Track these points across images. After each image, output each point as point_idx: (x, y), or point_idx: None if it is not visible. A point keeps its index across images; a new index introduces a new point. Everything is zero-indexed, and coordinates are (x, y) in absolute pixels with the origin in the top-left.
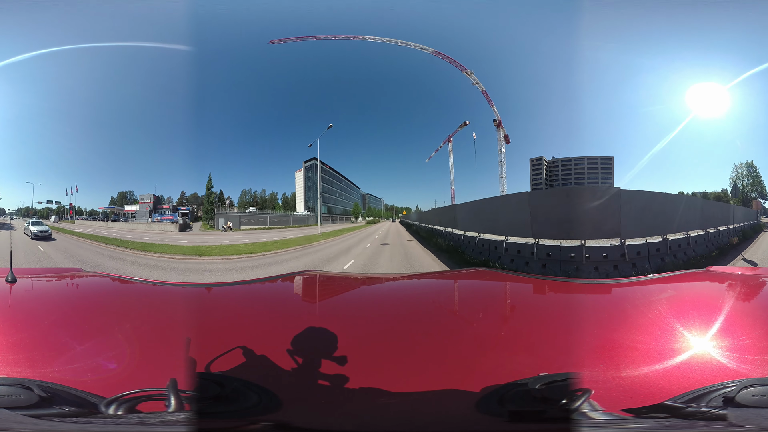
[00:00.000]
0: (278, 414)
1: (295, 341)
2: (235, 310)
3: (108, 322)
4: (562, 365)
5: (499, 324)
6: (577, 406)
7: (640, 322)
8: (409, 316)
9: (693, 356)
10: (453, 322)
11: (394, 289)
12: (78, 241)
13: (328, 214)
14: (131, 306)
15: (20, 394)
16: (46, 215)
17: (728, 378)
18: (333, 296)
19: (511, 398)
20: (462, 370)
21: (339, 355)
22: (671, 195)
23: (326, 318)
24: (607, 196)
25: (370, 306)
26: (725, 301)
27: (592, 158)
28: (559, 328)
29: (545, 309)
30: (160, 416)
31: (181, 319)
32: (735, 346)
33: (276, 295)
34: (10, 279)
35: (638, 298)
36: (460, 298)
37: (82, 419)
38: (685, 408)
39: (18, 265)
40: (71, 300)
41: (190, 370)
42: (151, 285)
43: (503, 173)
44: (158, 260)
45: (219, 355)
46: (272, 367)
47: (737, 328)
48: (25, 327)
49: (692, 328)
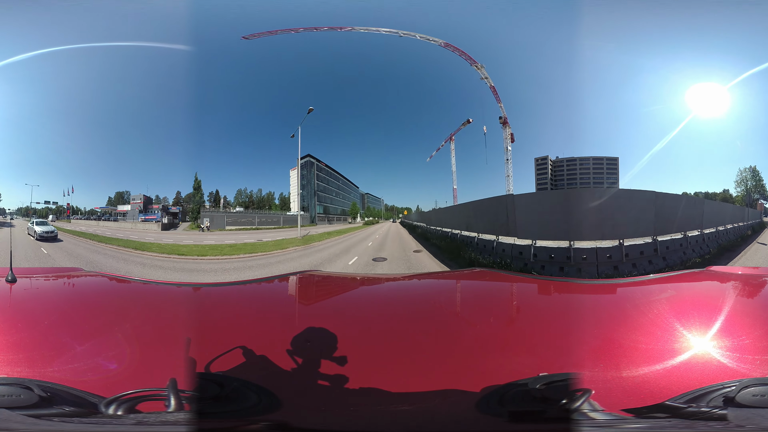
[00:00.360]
0: (278, 414)
1: (294, 341)
2: (235, 310)
3: (108, 322)
4: (562, 365)
5: (499, 324)
6: (577, 406)
7: (640, 322)
8: (409, 317)
9: (693, 356)
10: (453, 323)
11: (394, 290)
12: (62, 235)
13: (324, 215)
14: (131, 306)
15: (20, 394)
16: (45, 215)
17: (728, 378)
18: (333, 296)
19: (512, 398)
20: (462, 370)
21: (339, 355)
22: (699, 198)
23: (326, 318)
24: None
25: (370, 306)
26: (725, 301)
27: (597, 158)
28: (559, 328)
29: (545, 309)
30: (160, 416)
31: (181, 319)
32: (735, 345)
33: (276, 295)
34: (10, 279)
35: (638, 298)
36: (460, 298)
37: (82, 419)
38: (686, 408)
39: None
40: (71, 300)
41: (189, 370)
42: (151, 285)
43: (509, 172)
44: (109, 250)
45: (219, 355)
46: (272, 367)
47: (737, 328)
48: (25, 327)
49: (692, 328)
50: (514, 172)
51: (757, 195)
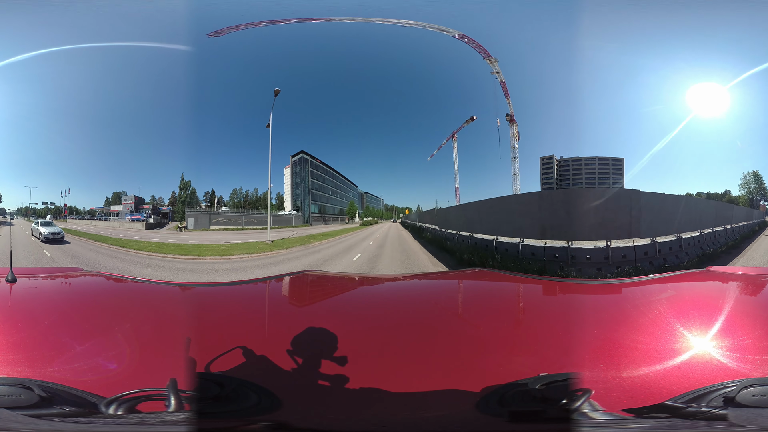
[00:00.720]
0: (278, 414)
1: (294, 341)
2: (235, 310)
3: (108, 322)
4: (562, 365)
5: (499, 324)
6: (577, 406)
7: (641, 322)
8: (409, 317)
9: (693, 356)
10: (453, 323)
11: (394, 290)
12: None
13: (320, 214)
14: (131, 306)
15: (20, 394)
16: (44, 215)
17: (728, 378)
18: (333, 296)
19: (512, 398)
20: (462, 370)
21: (339, 355)
22: (728, 204)
23: (326, 318)
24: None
25: (370, 306)
26: (725, 301)
27: (603, 158)
28: (559, 328)
29: (545, 309)
30: (160, 416)
31: (181, 319)
32: (735, 346)
33: (276, 295)
34: (10, 279)
35: (638, 298)
36: (460, 298)
37: (82, 419)
38: (686, 408)
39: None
40: (71, 300)
41: (190, 370)
42: (151, 285)
43: (516, 170)
44: (79, 240)
45: (219, 355)
46: (272, 367)
47: (737, 328)
48: (25, 327)
49: (692, 328)
50: (521, 171)
51: (759, 196)
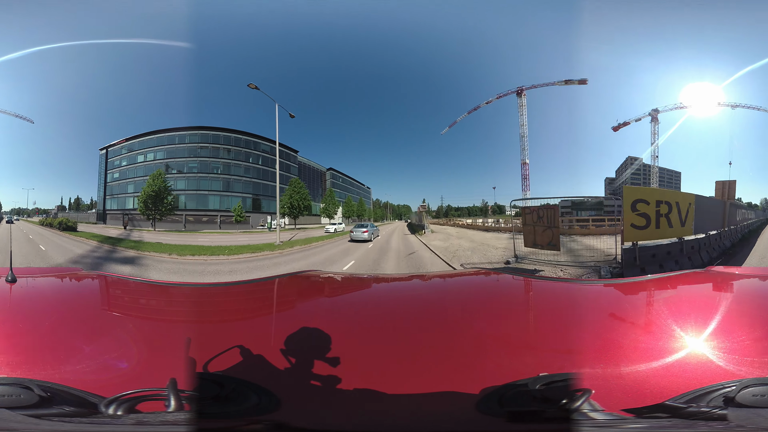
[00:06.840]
0: (277, 414)
1: (294, 341)
2: (235, 310)
3: (108, 322)
4: (562, 365)
5: (498, 324)
6: (577, 406)
7: (641, 322)
8: (409, 316)
9: (693, 356)
10: (453, 322)
11: (394, 289)
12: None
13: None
14: (131, 306)
15: (20, 394)
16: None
17: (728, 378)
18: (333, 296)
19: (511, 398)
20: (462, 370)
21: (338, 355)
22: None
23: (326, 318)
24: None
25: (370, 306)
26: (725, 301)
27: (662, 169)
28: (559, 328)
29: (545, 309)
30: (160, 416)
31: (180, 319)
32: (735, 346)
33: (276, 295)
34: (10, 279)
35: (638, 298)
36: (460, 298)
37: (81, 419)
38: (686, 408)
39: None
40: (71, 300)
41: (189, 370)
42: (151, 285)
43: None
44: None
45: (218, 355)
46: (272, 367)
47: (737, 328)
48: (25, 327)
49: (692, 328)
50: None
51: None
